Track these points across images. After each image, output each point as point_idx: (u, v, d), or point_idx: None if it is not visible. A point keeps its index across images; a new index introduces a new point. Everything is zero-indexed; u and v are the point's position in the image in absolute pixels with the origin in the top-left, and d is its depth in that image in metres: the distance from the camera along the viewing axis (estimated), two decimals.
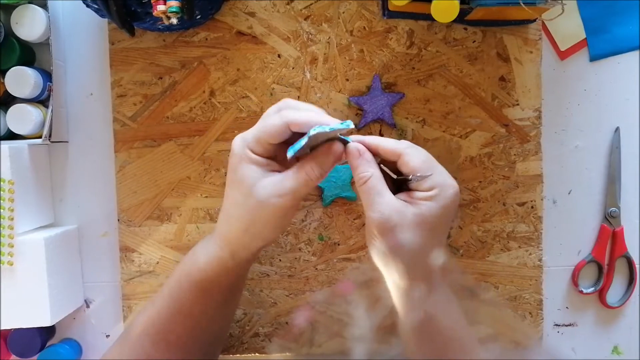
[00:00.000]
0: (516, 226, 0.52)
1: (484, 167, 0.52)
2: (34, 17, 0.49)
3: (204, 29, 0.51)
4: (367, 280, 0.50)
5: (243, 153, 0.38)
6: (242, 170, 0.38)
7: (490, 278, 0.53)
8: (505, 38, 0.51)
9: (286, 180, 0.38)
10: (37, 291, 0.47)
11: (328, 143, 0.38)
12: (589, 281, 0.55)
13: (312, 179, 0.37)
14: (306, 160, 0.38)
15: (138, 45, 0.51)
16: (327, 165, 0.38)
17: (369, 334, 0.46)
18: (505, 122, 0.52)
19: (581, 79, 0.54)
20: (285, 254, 0.52)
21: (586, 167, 0.54)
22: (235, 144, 0.39)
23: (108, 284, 0.54)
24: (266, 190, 0.37)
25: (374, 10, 0.51)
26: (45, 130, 0.50)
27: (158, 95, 0.51)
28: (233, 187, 0.39)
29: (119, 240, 0.52)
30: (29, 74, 0.48)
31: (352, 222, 0.52)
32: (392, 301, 0.43)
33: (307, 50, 0.51)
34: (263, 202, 0.37)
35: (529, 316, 0.53)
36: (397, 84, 0.51)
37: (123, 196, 0.52)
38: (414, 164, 0.38)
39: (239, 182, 0.38)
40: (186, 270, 0.42)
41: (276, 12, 0.51)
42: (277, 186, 0.37)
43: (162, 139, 0.52)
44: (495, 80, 0.52)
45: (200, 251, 0.42)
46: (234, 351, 0.53)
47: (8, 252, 0.46)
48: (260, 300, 0.52)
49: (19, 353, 0.51)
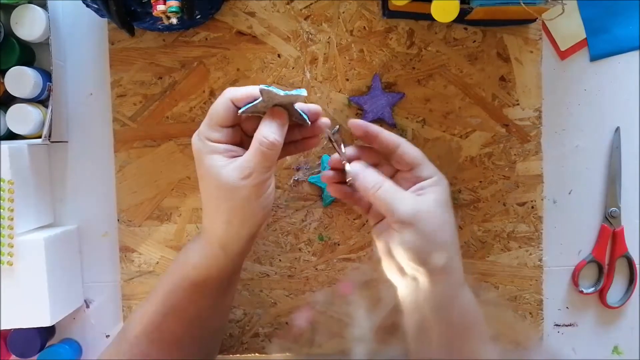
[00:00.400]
0: (516, 226, 0.52)
1: (484, 167, 0.52)
2: (34, 17, 0.49)
3: (204, 29, 0.51)
4: (367, 281, 0.50)
5: (201, 144, 0.39)
6: (205, 162, 0.38)
7: (491, 278, 0.53)
8: (506, 38, 0.51)
9: (245, 160, 0.38)
10: (37, 291, 0.47)
11: (271, 108, 0.39)
12: (589, 281, 0.55)
13: (265, 147, 0.37)
14: (256, 132, 0.38)
15: (138, 45, 0.51)
16: (273, 128, 0.38)
17: (369, 334, 0.46)
18: (506, 122, 0.52)
19: (581, 79, 0.54)
20: (285, 254, 0.52)
21: (586, 167, 0.54)
22: (193, 138, 0.40)
23: (108, 284, 0.53)
24: (232, 176, 0.37)
25: (374, 10, 0.51)
26: (45, 130, 0.50)
27: (158, 95, 0.51)
28: (203, 182, 0.39)
29: (118, 240, 0.52)
30: (29, 74, 0.48)
31: (352, 222, 0.52)
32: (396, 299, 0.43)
33: (307, 50, 0.51)
34: (232, 188, 0.37)
35: (529, 316, 0.53)
36: (397, 84, 0.51)
37: (123, 196, 0.52)
38: (413, 152, 0.41)
39: (207, 174, 0.38)
40: (180, 270, 0.42)
41: (276, 12, 0.51)
42: (239, 169, 0.37)
43: (162, 139, 0.52)
44: (496, 80, 0.52)
45: (192, 250, 0.42)
46: (234, 351, 0.52)
47: (8, 252, 0.46)
48: (260, 300, 0.52)
49: (19, 353, 0.51)
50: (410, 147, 0.42)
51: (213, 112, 0.39)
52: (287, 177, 0.52)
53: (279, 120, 0.39)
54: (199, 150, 0.39)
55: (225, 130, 0.39)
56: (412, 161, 0.41)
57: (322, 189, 0.51)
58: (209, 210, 0.40)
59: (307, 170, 0.52)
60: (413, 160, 0.41)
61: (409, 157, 0.41)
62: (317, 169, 0.51)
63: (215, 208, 0.39)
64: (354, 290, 0.51)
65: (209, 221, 0.41)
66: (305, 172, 0.52)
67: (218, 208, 0.39)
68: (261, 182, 0.38)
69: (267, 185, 0.39)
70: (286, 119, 0.40)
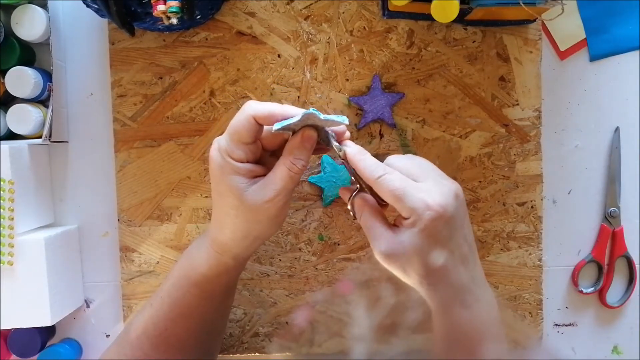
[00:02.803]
0: (516, 226, 0.52)
1: (483, 167, 0.52)
2: (34, 17, 0.49)
3: (204, 29, 0.51)
4: (367, 280, 0.50)
5: (224, 162, 0.38)
6: (226, 182, 0.38)
7: (490, 278, 0.53)
8: (505, 38, 0.51)
9: (271, 184, 0.37)
10: (37, 291, 0.47)
11: (302, 130, 0.38)
12: (589, 281, 0.55)
13: (294, 172, 0.37)
14: (283, 154, 0.38)
15: (138, 45, 0.51)
16: (304, 154, 0.38)
17: (369, 334, 0.46)
18: (505, 122, 0.52)
19: (581, 79, 0.54)
20: (285, 254, 0.52)
21: (586, 167, 0.54)
22: (213, 153, 0.38)
23: (108, 284, 0.54)
24: (255, 199, 0.37)
25: (374, 10, 0.51)
26: (45, 130, 0.50)
27: (158, 95, 0.51)
28: (221, 198, 0.39)
29: (119, 240, 0.52)
30: (29, 74, 0.48)
31: (352, 222, 0.52)
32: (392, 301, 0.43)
33: (307, 50, 0.51)
34: (255, 210, 0.37)
35: (529, 316, 0.53)
36: (397, 84, 0.51)
37: (123, 196, 0.52)
38: (385, 196, 0.37)
39: (226, 193, 0.38)
40: (184, 273, 0.42)
41: (276, 12, 0.51)
42: (264, 191, 0.37)
43: (162, 139, 0.52)
44: (495, 80, 0.52)
45: (197, 254, 0.42)
46: (234, 351, 0.53)
47: (8, 252, 0.46)
48: (260, 300, 0.53)
49: (19, 353, 0.51)
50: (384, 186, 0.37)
51: (234, 129, 0.37)
52: None
53: (309, 145, 0.38)
54: (220, 167, 0.38)
55: (247, 147, 0.38)
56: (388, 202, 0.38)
57: (322, 189, 0.51)
58: (222, 225, 0.40)
59: (307, 170, 0.52)
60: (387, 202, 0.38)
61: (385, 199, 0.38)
62: (317, 169, 0.51)
63: (232, 224, 0.39)
64: (353, 289, 0.51)
65: (222, 235, 0.40)
66: (305, 172, 0.52)
67: (235, 225, 0.39)
68: (286, 201, 0.38)
69: (289, 202, 0.39)
70: (314, 142, 0.38)
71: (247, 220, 0.38)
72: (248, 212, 0.38)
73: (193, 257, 0.42)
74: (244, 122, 0.37)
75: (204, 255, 0.42)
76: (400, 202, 0.36)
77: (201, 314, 0.43)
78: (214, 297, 0.42)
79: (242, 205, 0.37)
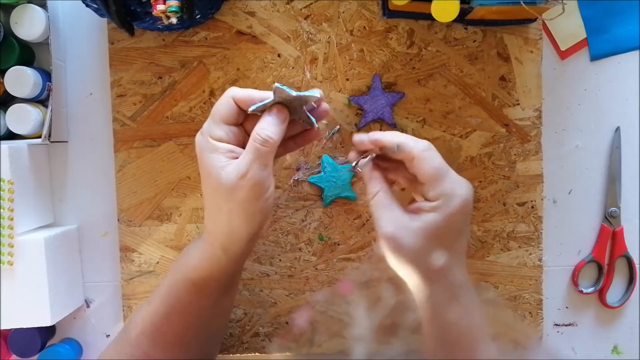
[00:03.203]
0: (516, 226, 0.52)
1: (484, 167, 0.52)
2: (34, 17, 0.49)
3: (203, 29, 0.51)
4: (367, 280, 0.50)
5: (205, 142, 0.38)
6: (206, 161, 0.38)
7: (490, 278, 0.53)
8: (506, 38, 0.51)
9: (242, 159, 0.37)
10: (37, 291, 0.47)
11: (271, 106, 0.39)
12: (589, 281, 0.55)
13: (260, 144, 0.37)
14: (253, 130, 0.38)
15: (138, 45, 0.51)
16: (271, 126, 0.38)
17: (369, 334, 0.46)
18: (506, 121, 0.52)
19: (581, 78, 0.54)
20: (285, 254, 0.52)
21: (586, 167, 0.54)
22: (197, 136, 0.40)
23: (108, 284, 0.54)
24: (231, 176, 0.37)
25: (374, 9, 0.51)
26: (45, 130, 0.50)
27: (158, 95, 0.51)
28: (204, 181, 0.39)
29: (119, 240, 0.52)
30: (29, 74, 0.48)
31: (352, 222, 0.52)
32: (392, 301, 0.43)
33: (307, 50, 0.51)
34: (231, 188, 0.37)
35: (528, 316, 0.53)
36: (397, 84, 0.51)
37: (123, 196, 0.52)
38: (425, 171, 0.38)
39: (208, 174, 0.38)
40: (181, 270, 0.42)
41: (276, 12, 0.51)
42: (237, 168, 0.37)
43: (162, 138, 0.52)
44: (496, 80, 0.52)
45: (193, 251, 0.42)
46: (234, 351, 0.53)
47: (8, 252, 0.46)
48: (260, 300, 0.52)
49: (19, 353, 0.51)
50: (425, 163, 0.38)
51: (215, 109, 0.39)
52: (287, 177, 0.52)
53: (277, 118, 0.39)
54: (201, 147, 0.39)
55: (228, 129, 0.39)
56: (423, 179, 0.38)
57: (322, 189, 0.51)
58: (210, 211, 0.40)
59: (307, 170, 0.52)
60: (421, 178, 0.38)
61: (420, 175, 0.38)
62: (317, 169, 0.51)
63: (216, 209, 0.39)
64: (353, 289, 0.51)
65: (210, 222, 0.41)
66: (305, 172, 0.52)
67: (219, 209, 0.39)
68: (258, 181, 0.37)
69: (265, 185, 0.38)
70: (285, 116, 0.39)
71: (226, 202, 0.38)
72: (226, 192, 0.37)
73: (189, 254, 0.43)
74: (224, 103, 0.39)
75: (198, 249, 0.42)
76: (435, 182, 0.37)
77: (197, 312, 0.42)
78: (209, 293, 0.42)
79: (220, 185, 0.37)
